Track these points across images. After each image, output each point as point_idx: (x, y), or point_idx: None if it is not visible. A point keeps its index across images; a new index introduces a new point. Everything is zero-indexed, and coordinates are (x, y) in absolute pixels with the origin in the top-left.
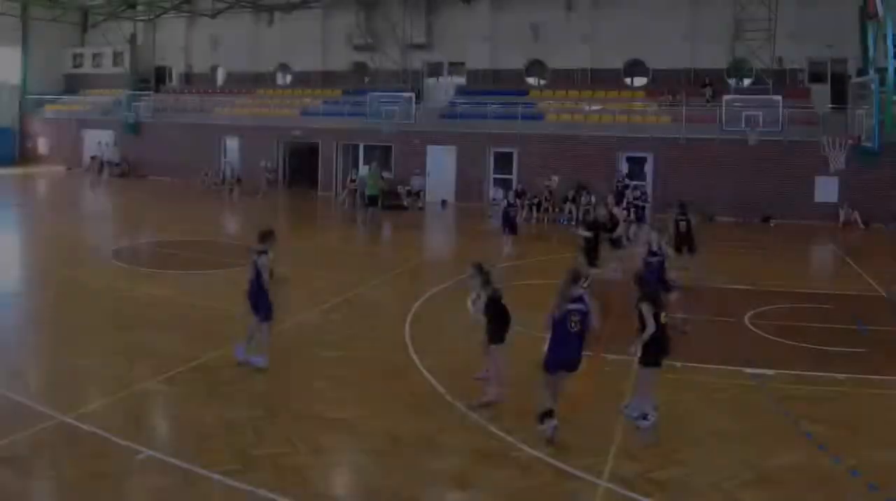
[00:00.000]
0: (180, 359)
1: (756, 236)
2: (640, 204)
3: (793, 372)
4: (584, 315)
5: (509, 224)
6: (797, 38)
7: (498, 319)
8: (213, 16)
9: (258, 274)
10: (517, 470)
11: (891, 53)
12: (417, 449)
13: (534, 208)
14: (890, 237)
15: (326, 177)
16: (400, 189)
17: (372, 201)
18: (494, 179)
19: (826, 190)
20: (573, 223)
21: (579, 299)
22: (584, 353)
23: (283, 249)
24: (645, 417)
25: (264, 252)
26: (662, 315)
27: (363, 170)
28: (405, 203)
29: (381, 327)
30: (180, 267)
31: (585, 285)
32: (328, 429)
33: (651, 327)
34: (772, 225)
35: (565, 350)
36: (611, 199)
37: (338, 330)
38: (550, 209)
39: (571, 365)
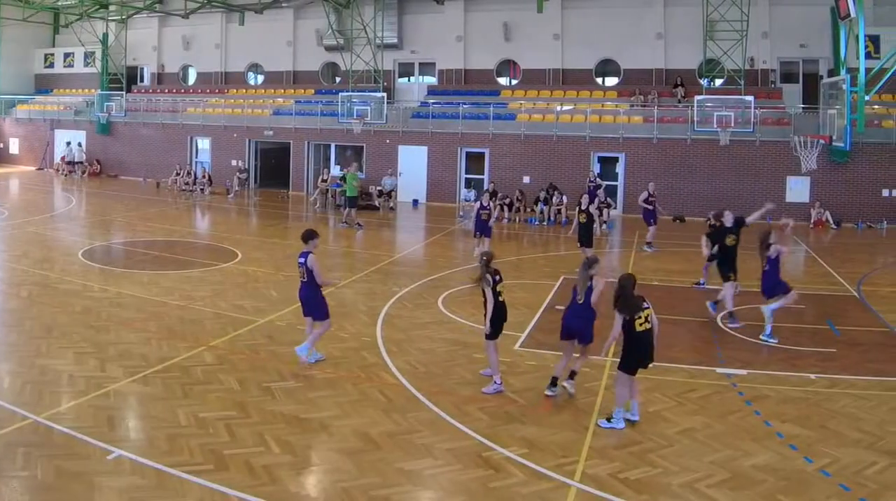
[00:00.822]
0: (153, 359)
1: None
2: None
3: (765, 372)
4: (589, 291)
5: (482, 227)
6: (769, 38)
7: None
8: (185, 16)
9: (311, 275)
10: (489, 470)
11: (862, 53)
12: (389, 449)
13: (505, 208)
14: (862, 237)
15: (298, 177)
16: (372, 189)
17: (351, 202)
18: (466, 179)
19: (798, 190)
20: (545, 223)
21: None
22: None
23: (257, 249)
24: (609, 418)
25: (310, 251)
26: (639, 322)
27: (335, 169)
28: (377, 203)
29: (353, 327)
30: (152, 266)
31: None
32: (301, 429)
33: (614, 332)
34: (747, 223)
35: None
36: (584, 199)
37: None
38: (522, 209)
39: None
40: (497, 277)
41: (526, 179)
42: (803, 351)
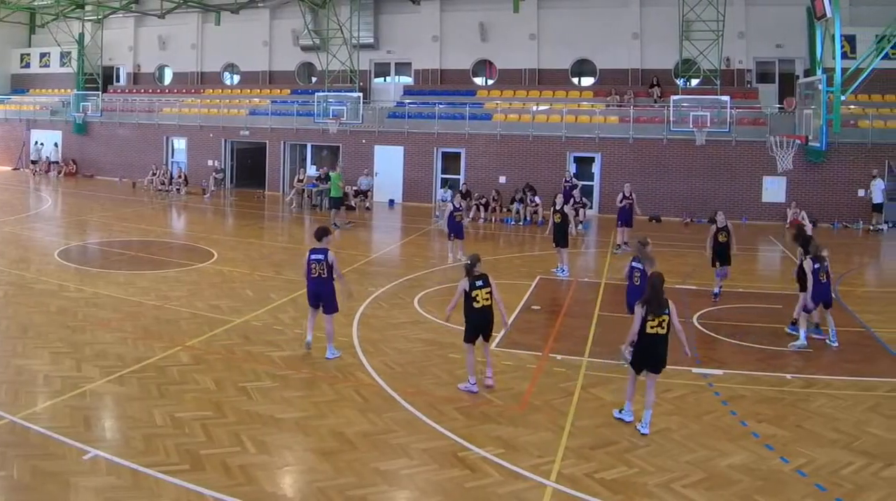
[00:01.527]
0: (129, 359)
1: (704, 236)
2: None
3: (741, 372)
4: (643, 271)
5: (455, 228)
6: (745, 38)
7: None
8: (161, 16)
9: (330, 269)
10: (465, 470)
11: (838, 53)
12: (365, 449)
13: (481, 208)
14: (837, 237)
15: (274, 177)
16: (348, 189)
17: (336, 202)
18: (442, 179)
19: (773, 190)
20: (521, 223)
21: (636, 258)
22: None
23: (233, 249)
24: (621, 409)
25: (327, 248)
26: (651, 324)
27: (311, 169)
28: (353, 203)
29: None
30: (128, 267)
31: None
32: (277, 429)
33: (634, 327)
34: (871, 228)
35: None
36: (559, 199)
37: (286, 329)
38: (498, 209)
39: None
40: (479, 282)
41: (502, 179)
42: (779, 351)
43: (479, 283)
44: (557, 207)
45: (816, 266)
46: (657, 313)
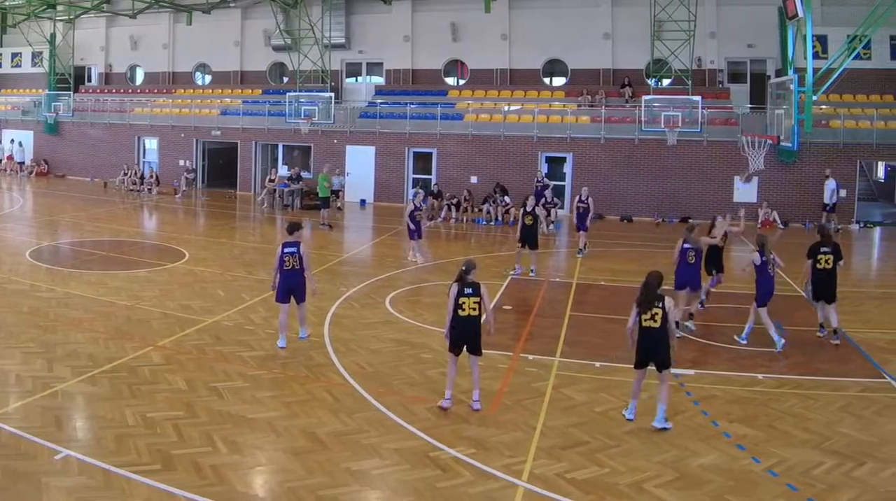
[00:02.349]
0: (101, 359)
1: (675, 236)
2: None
3: (712, 372)
4: (698, 251)
5: (415, 229)
6: (716, 38)
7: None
8: (133, 16)
9: (302, 262)
10: (437, 470)
11: (810, 53)
12: (337, 449)
13: (452, 208)
14: (809, 237)
15: (245, 177)
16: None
17: (324, 203)
18: (414, 179)
19: (745, 190)
20: (492, 223)
21: (686, 241)
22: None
23: (204, 249)
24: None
25: (299, 241)
26: (644, 317)
27: (282, 169)
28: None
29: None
30: (100, 266)
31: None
32: (248, 429)
33: (629, 324)
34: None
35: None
36: (530, 201)
37: (257, 329)
38: (469, 209)
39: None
40: (469, 290)
41: (474, 179)
42: (750, 351)
43: (468, 291)
44: (528, 209)
45: (764, 259)
46: (645, 308)
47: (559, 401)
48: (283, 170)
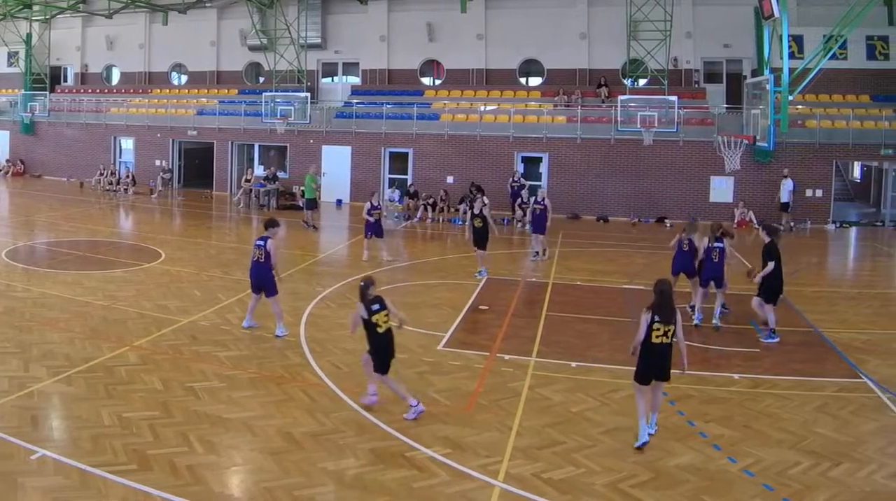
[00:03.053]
0: (77, 359)
1: (652, 236)
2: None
3: (689, 372)
4: (722, 250)
5: (373, 228)
6: (693, 38)
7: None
8: (109, 15)
9: (268, 256)
10: (413, 470)
11: (786, 53)
12: (313, 449)
13: (429, 208)
14: (785, 237)
15: (221, 177)
16: (295, 189)
17: (310, 204)
18: (390, 179)
19: (721, 190)
20: (467, 223)
21: (718, 239)
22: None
23: (181, 249)
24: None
25: (269, 237)
26: (657, 333)
27: (259, 169)
28: (300, 203)
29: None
30: (76, 266)
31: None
32: (224, 429)
33: (639, 335)
34: (668, 225)
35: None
36: (478, 203)
37: (233, 329)
38: (446, 209)
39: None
40: (375, 306)
41: (450, 179)
42: (727, 351)
43: (375, 307)
44: (476, 211)
45: (708, 246)
46: (665, 321)
47: (535, 401)
48: (259, 170)
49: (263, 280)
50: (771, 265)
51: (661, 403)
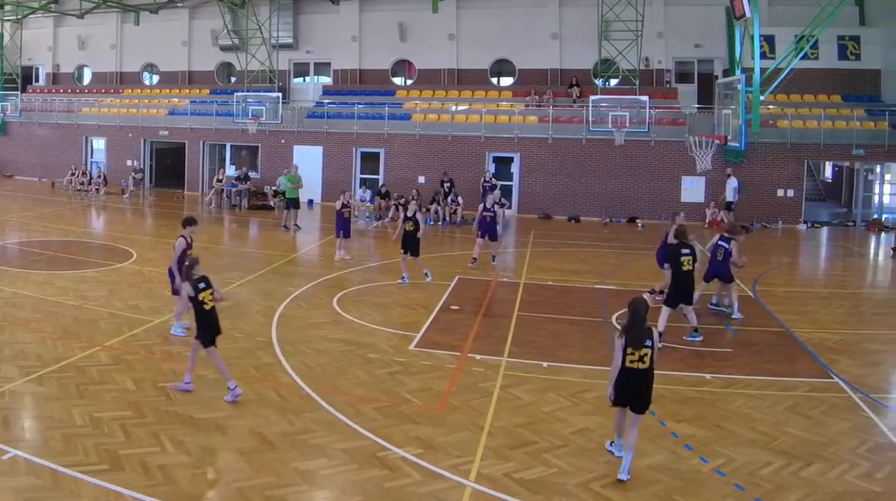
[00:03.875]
0: (48, 359)
1: (623, 236)
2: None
3: (660, 372)
4: (726, 249)
5: (343, 226)
6: (664, 38)
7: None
8: (81, 15)
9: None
10: (385, 470)
11: (757, 53)
12: (285, 449)
13: (400, 208)
14: (756, 237)
15: (193, 177)
16: (267, 189)
17: (291, 203)
18: (361, 179)
19: (693, 189)
20: (440, 223)
21: (723, 238)
22: None
23: (152, 249)
24: (612, 441)
25: (182, 235)
26: (630, 358)
27: (230, 169)
28: (272, 203)
29: (248, 327)
30: (47, 266)
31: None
32: (196, 429)
33: (615, 363)
34: (640, 225)
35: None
36: (412, 206)
37: None
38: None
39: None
40: (202, 285)
41: (421, 179)
42: (699, 351)
43: (201, 286)
44: (409, 214)
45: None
46: (636, 345)
47: (507, 401)
48: (230, 171)
49: (172, 278)
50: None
51: (636, 441)
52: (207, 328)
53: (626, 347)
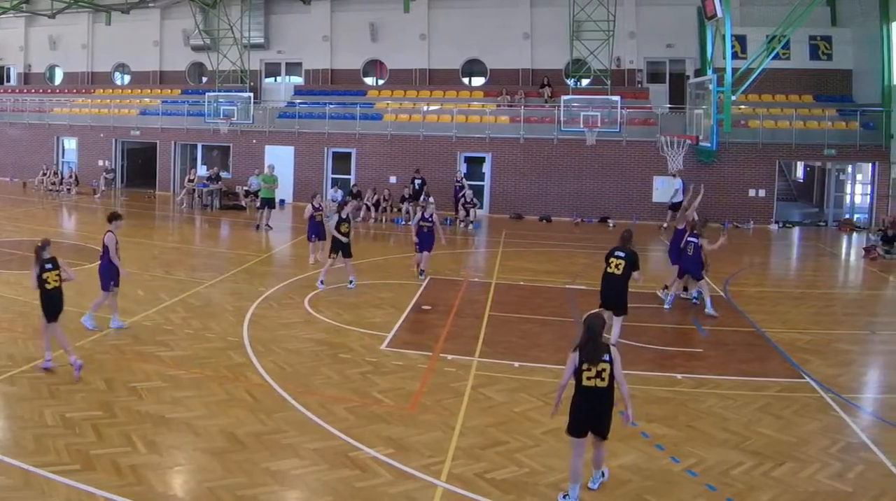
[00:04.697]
0: (20, 359)
1: (594, 236)
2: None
3: (632, 372)
4: (697, 246)
5: (315, 230)
6: (636, 38)
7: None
8: (52, 15)
9: (106, 250)
10: (356, 470)
11: (729, 53)
12: (256, 449)
13: (372, 208)
14: (727, 237)
15: (165, 177)
16: (238, 189)
17: (266, 203)
18: (333, 179)
19: (664, 189)
20: (411, 223)
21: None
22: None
23: (123, 249)
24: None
25: (110, 231)
26: (587, 374)
27: (202, 169)
28: (243, 203)
29: (219, 327)
30: (18, 267)
31: None
32: (167, 429)
33: (564, 378)
34: (611, 225)
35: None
36: (348, 208)
37: (176, 330)
38: (389, 209)
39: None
40: (48, 266)
41: (392, 179)
42: (670, 351)
43: (48, 266)
44: (343, 216)
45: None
46: (593, 360)
47: (478, 401)
48: (202, 170)
49: (101, 274)
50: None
51: (605, 457)
52: (49, 305)
53: (580, 363)
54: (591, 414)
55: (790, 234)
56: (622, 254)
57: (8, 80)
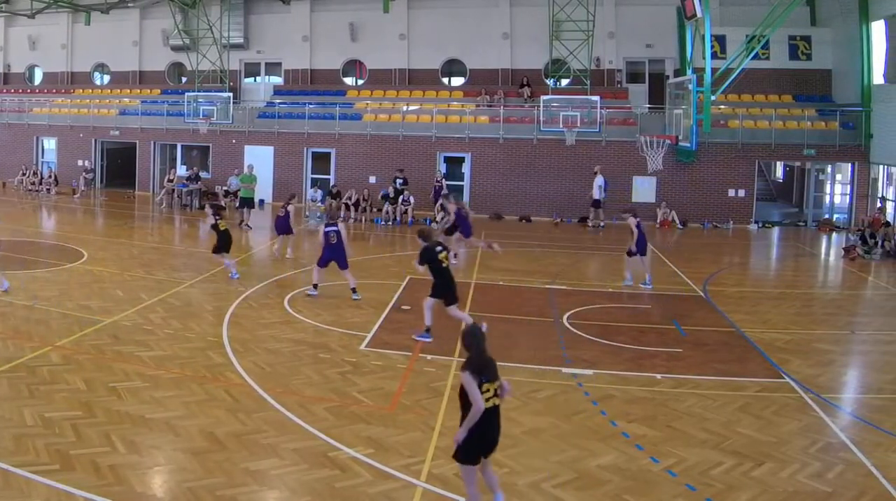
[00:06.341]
0: None
1: (574, 236)
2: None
3: (611, 373)
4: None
5: (282, 225)
6: (615, 38)
7: None
8: (32, 15)
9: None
10: (336, 470)
11: (708, 53)
12: (235, 449)
13: (352, 208)
14: (708, 237)
15: (144, 177)
16: (218, 189)
17: (245, 203)
18: (312, 179)
19: (644, 189)
20: (390, 223)
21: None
22: None
23: (103, 249)
24: None
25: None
26: (486, 395)
27: (181, 169)
28: (222, 203)
29: (199, 327)
30: None
31: None
32: (147, 429)
33: (477, 406)
34: (590, 225)
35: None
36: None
37: (156, 329)
38: (368, 209)
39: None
40: None
41: (372, 179)
42: (649, 351)
43: None
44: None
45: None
46: (493, 377)
47: (458, 401)
48: (181, 171)
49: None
50: (420, 269)
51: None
52: None
53: (481, 383)
54: (494, 436)
55: (770, 234)
56: (442, 249)
57: None
